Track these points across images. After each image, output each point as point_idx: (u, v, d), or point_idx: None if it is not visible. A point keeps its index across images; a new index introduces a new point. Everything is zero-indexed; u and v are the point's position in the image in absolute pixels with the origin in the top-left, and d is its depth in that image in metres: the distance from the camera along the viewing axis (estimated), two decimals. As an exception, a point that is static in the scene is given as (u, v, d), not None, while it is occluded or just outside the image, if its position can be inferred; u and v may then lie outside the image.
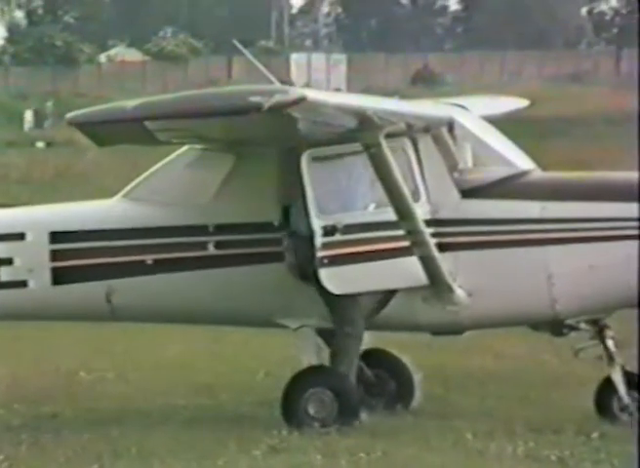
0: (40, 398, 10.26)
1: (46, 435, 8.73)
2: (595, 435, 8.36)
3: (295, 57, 65.47)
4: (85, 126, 8.06)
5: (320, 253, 8.68)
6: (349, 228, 8.75)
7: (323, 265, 8.66)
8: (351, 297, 8.74)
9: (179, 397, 10.21)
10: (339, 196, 8.87)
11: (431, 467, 7.61)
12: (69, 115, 8.02)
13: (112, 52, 71.42)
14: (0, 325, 10.85)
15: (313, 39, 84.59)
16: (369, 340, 9.30)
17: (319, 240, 8.68)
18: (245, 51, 9.92)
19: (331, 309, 8.82)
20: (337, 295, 8.71)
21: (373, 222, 8.78)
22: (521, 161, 9.28)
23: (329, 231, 8.72)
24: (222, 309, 9.14)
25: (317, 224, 8.73)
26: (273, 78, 9.07)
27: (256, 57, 9.43)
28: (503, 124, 9.69)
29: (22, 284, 9.21)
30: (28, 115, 46.50)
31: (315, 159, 8.83)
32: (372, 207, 8.90)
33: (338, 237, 8.73)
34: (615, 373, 8.94)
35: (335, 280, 8.68)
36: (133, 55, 69.40)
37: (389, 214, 8.69)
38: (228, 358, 11.65)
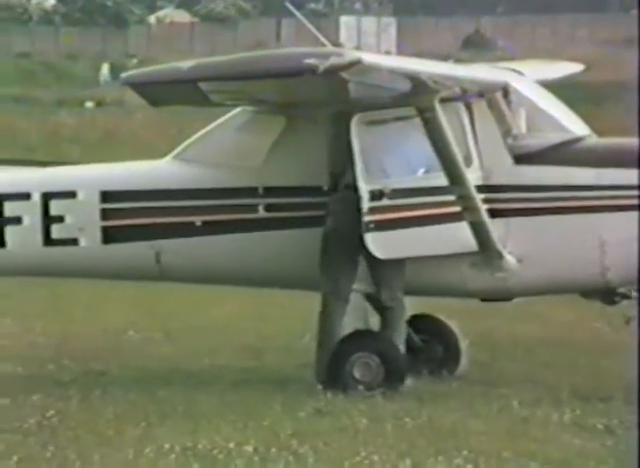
0: (89, 355, 10.37)
1: (95, 392, 8.82)
2: (644, 404, 8.31)
3: (344, 20, 65.07)
4: (140, 86, 8.06)
5: (367, 218, 8.65)
6: (397, 193, 8.72)
7: (369, 230, 8.64)
8: (398, 267, 8.69)
9: (225, 358, 10.27)
10: (387, 160, 8.82)
11: (476, 433, 7.60)
12: (125, 75, 8.03)
13: (161, 13, 71.40)
14: (50, 282, 10.98)
15: (363, 2, 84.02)
16: (417, 305, 9.29)
17: (366, 204, 8.66)
18: (297, 13, 9.85)
19: (377, 279, 8.80)
20: (384, 265, 8.68)
21: (421, 187, 8.73)
22: (576, 127, 9.17)
23: (376, 195, 8.69)
24: (271, 272, 9.16)
25: (365, 188, 8.70)
26: (326, 41, 9.01)
27: (304, 19, 9.36)
28: (559, 89, 9.57)
29: (73, 241, 9.27)
30: (105, 68, 46.80)
31: (365, 123, 8.79)
32: (421, 172, 8.85)
33: (385, 201, 8.70)
34: (665, 343, 8.87)
35: (381, 245, 8.66)
36: (182, 16, 69.33)
37: (438, 180, 8.63)
38: (275, 320, 11.69)
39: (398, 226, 8.67)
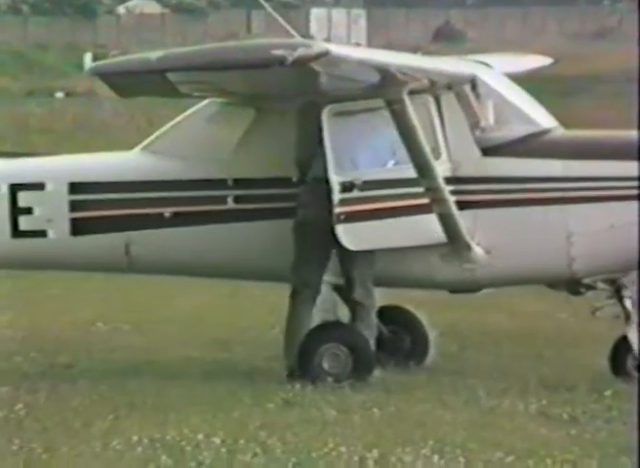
0: (57, 348, 10.34)
1: (63, 384, 8.80)
2: (608, 393, 8.39)
3: (315, 11, 65.04)
4: (108, 76, 8.04)
5: (338, 210, 8.68)
6: (368, 185, 8.75)
7: (340, 221, 8.67)
8: (368, 260, 8.74)
9: (194, 350, 10.27)
10: (358, 152, 8.86)
11: (444, 423, 7.66)
12: (93, 65, 8.02)
13: (131, 3, 71.03)
14: (18, 274, 10.94)
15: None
16: (386, 297, 9.34)
17: (337, 196, 8.69)
18: (267, 5, 9.85)
19: (347, 272, 8.83)
20: (355, 258, 8.71)
21: (391, 179, 8.78)
22: (543, 119, 9.24)
23: (347, 187, 8.72)
24: (240, 263, 9.18)
25: (335, 180, 8.72)
26: (295, 32, 9.02)
27: (275, 11, 9.36)
28: (526, 81, 9.63)
29: (42, 233, 9.25)
30: (88, 58, 47.09)
31: (335, 114, 8.81)
32: (391, 163, 8.89)
33: (355, 193, 8.73)
34: (631, 332, 8.96)
35: (352, 236, 8.70)
36: (152, 7, 68.99)
37: (408, 172, 8.67)
38: (244, 312, 11.70)
39: (368, 218, 8.70)
